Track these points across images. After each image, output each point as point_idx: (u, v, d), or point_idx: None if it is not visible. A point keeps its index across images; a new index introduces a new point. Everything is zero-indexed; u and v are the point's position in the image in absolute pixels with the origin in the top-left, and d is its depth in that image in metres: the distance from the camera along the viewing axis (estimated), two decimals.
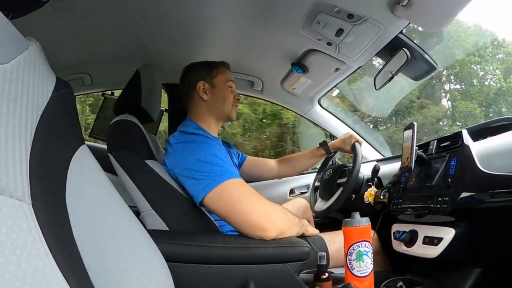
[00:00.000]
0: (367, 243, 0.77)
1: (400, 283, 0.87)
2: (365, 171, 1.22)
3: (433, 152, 0.95)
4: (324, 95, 1.60)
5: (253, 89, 1.61)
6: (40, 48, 0.39)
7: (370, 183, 1.14)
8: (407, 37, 1.05)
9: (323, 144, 1.32)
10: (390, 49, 1.08)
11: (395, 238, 0.94)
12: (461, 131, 0.87)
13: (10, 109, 0.31)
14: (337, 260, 0.94)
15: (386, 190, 1.05)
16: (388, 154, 1.69)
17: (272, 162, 1.38)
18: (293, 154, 1.41)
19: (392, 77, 1.12)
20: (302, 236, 0.91)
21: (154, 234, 0.53)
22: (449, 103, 6.74)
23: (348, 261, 0.77)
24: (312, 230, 0.97)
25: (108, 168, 0.63)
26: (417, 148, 0.94)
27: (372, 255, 0.77)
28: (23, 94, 0.34)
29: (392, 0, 0.86)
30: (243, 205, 0.80)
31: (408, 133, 0.98)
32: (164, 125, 1.73)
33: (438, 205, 0.81)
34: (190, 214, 0.88)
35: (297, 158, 1.38)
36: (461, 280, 0.81)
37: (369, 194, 1.08)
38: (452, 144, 0.88)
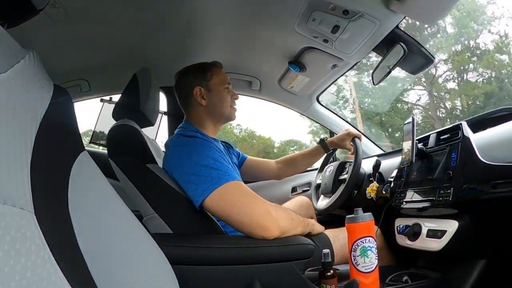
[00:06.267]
0: (371, 238, 0.77)
1: (405, 277, 0.87)
2: (366, 166, 1.22)
3: (433, 145, 0.95)
4: (322, 92, 1.60)
5: (251, 89, 1.61)
6: (37, 56, 0.39)
7: (372, 179, 1.14)
8: (403, 31, 1.05)
9: (322, 142, 1.32)
10: (387, 44, 1.08)
11: (398, 233, 0.94)
12: (460, 123, 0.87)
13: (9, 119, 0.31)
14: (341, 257, 0.94)
15: (388, 184, 1.05)
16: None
17: (272, 163, 1.38)
18: (293, 154, 1.41)
19: (389, 72, 1.12)
20: (307, 234, 0.91)
21: (158, 238, 0.53)
22: None
23: (352, 257, 0.77)
24: (319, 228, 0.97)
25: (109, 173, 0.63)
26: (417, 141, 0.94)
27: (376, 250, 0.77)
28: (22, 103, 0.34)
29: None
30: (245, 206, 0.80)
31: (408, 126, 0.98)
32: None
33: (441, 198, 0.81)
34: (193, 216, 0.88)
35: (297, 157, 1.38)
36: (466, 272, 0.81)
37: (371, 190, 1.08)
38: (452, 136, 0.88)
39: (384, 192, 1.04)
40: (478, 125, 0.94)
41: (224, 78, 1.07)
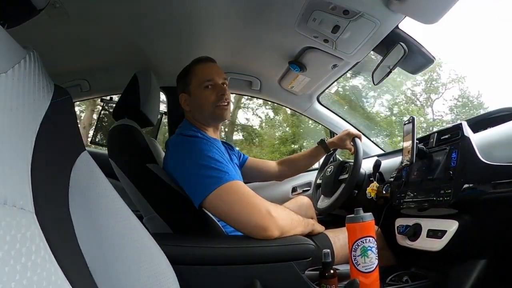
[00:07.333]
0: (371, 238, 0.77)
1: (406, 277, 0.87)
2: (366, 166, 1.22)
3: (433, 145, 0.95)
4: (323, 92, 1.60)
5: (251, 89, 1.61)
6: (37, 56, 0.39)
7: (372, 179, 1.14)
8: (403, 31, 1.05)
9: (322, 143, 1.32)
10: (387, 44, 1.08)
11: (399, 233, 0.94)
12: (461, 123, 0.87)
13: (10, 119, 0.31)
14: (342, 257, 0.94)
15: (388, 184, 1.05)
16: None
17: (272, 164, 1.38)
18: (293, 155, 1.42)
19: (390, 72, 1.12)
20: (307, 234, 0.91)
21: (159, 237, 0.53)
22: None
23: (353, 257, 0.77)
24: (319, 228, 0.97)
25: (109, 173, 0.63)
26: (417, 141, 0.94)
27: (376, 250, 0.77)
28: (22, 103, 0.34)
29: None
30: (244, 206, 0.79)
31: (408, 127, 0.98)
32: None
33: (441, 198, 0.81)
34: (193, 216, 0.88)
35: (297, 158, 1.38)
36: (466, 272, 0.81)
37: (371, 190, 1.08)
38: (453, 136, 0.88)
39: (384, 192, 1.04)
40: (479, 125, 0.94)
41: (203, 75, 1.01)
